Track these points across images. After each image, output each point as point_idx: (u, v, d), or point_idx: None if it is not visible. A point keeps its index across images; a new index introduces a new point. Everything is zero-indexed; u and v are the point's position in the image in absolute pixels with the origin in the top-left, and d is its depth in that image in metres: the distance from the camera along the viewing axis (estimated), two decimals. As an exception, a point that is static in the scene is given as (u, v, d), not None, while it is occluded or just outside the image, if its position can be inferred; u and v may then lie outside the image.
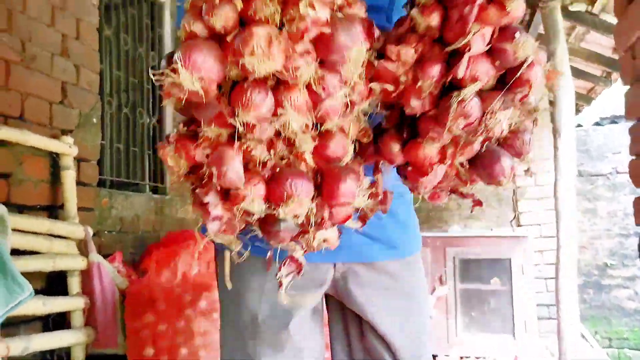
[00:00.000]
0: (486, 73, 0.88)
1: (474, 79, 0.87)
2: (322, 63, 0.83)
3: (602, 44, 4.49)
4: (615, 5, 1.98)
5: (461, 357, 4.52)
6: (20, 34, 2.49)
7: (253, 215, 0.85)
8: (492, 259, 4.74)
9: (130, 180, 3.55)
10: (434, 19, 0.88)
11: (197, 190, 0.87)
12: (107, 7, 3.60)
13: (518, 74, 0.89)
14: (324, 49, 0.82)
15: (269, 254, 0.98)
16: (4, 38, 2.40)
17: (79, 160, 2.79)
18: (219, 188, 0.84)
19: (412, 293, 1.25)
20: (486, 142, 0.97)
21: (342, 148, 0.90)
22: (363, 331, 1.24)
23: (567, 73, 3.59)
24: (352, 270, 1.20)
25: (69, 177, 2.62)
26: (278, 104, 0.81)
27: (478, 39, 0.86)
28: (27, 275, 2.11)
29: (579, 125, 7.23)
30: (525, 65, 0.88)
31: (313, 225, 0.87)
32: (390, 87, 0.90)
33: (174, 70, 0.77)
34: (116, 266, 2.65)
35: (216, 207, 0.84)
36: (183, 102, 0.80)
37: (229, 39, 0.80)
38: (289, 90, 0.81)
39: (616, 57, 4.67)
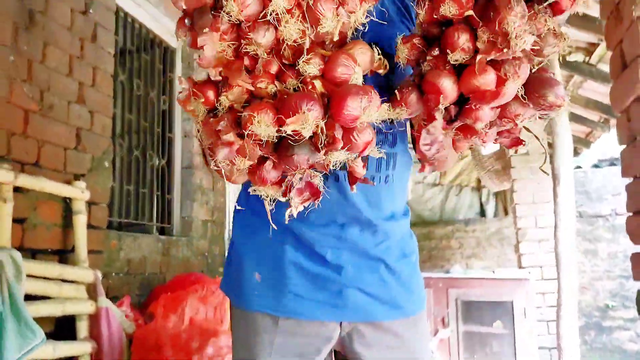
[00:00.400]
0: None
1: None
2: None
3: (600, 91, 4.61)
4: (610, 70, 2.08)
5: (463, 401, 4.50)
6: (40, 83, 2.60)
7: (264, 141, 0.91)
8: (494, 302, 4.76)
9: (138, 222, 3.61)
10: None
11: (211, 120, 0.95)
12: (122, 51, 3.72)
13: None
14: None
15: None
16: (24, 88, 2.49)
17: (89, 203, 2.86)
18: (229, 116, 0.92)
19: (416, 352, 1.29)
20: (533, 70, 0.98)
21: (348, 70, 0.94)
22: None
23: (565, 121, 3.69)
24: (358, 330, 1.24)
25: (80, 221, 2.69)
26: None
27: None
28: (38, 319, 2.16)
29: (579, 167, 7.33)
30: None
31: (323, 144, 0.91)
32: None
33: None
34: (124, 310, 2.70)
35: (227, 134, 0.91)
36: None
37: None
38: None
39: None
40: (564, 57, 4.06)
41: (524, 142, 1.09)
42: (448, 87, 0.96)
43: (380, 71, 1.05)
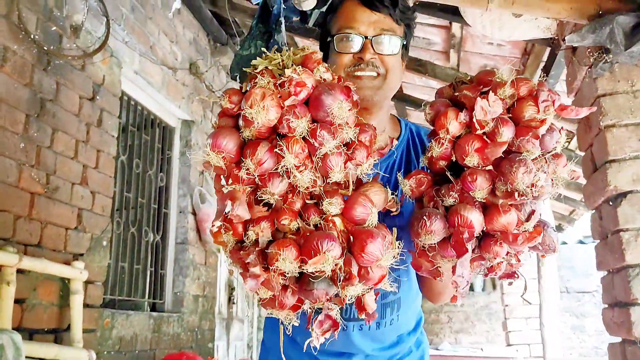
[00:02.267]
0: (539, 147, 1.07)
1: (537, 148, 1.05)
2: (315, 122, 1.05)
3: (580, 174, 4.81)
4: (582, 169, 2.25)
5: None
6: (47, 167, 2.73)
7: (287, 275, 1.01)
8: (482, 380, 4.78)
9: (131, 299, 3.67)
10: (513, 92, 1.10)
11: (241, 253, 1.05)
12: (124, 129, 3.89)
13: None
14: (313, 108, 1.05)
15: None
16: (32, 173, 2.62)
17: (86, 282, 2.93)
18: (257, 250, 1.04)
19: None
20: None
21: (366, 210, 1.05)
22: None
23: (547, 205, 3.85)
24: None
25: (77, 301, 2.75)
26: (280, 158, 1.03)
27: (548, 123, 1.07)
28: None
29: (564, 243, 7.48)
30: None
31: (341, 280, 1.00)
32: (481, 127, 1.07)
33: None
34: (116, 391, 2.72)
35: (255, 267, 1.01)
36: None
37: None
38: (287, 140, 1.02)
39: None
40: (544, 142, 4.27)
41: (518, 276, 1.19)
42: (478, 222, 1.06)
43: (393, 210, 1.15)
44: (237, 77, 1.78)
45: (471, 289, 7.93)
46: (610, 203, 1.96)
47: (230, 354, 5.23)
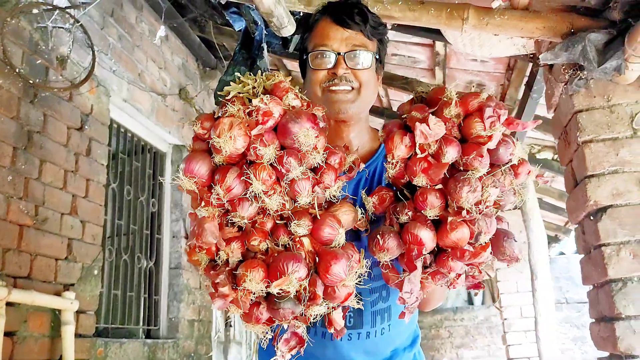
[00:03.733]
0: (487, 164, 1.11)
1: (484, 165, 1.10)
2: (283, 148, 1.10)
3: (550, 178, 4.83)
4: (565, 184, 2.27)
5: None
6: (35, 199, 2.74)
7: (255, 294, 1.05)
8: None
9: (125, 326, 3.66)
10: (459, 110, 1.14)
11: (211, 273, 1.11)
12: (114, 156, 3.91)
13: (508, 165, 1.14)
14: (281, 135, 1.09)
15: None
16: (20, 205, 2.63)
17: (78, 312, 2.92)
18: (227, 270, 1.08)
19: None
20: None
21: (333, 231, 1.09)
22: None
23: (538, 219, 3.86)
24: None
25: (68, 332, 2.74)
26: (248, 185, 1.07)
27: (496, 138, 1.11)
28: None
29: (562, 254, 7.47)
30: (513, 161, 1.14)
31: (306, 300, 1.04)
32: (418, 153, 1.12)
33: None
34: (109, 422, 2.70)
35: (224, 287, 1.06)
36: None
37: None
38: (255, 167, 1.06)
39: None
40: (533, 155, 4.30)
41: (483, 287, 1.24)
42: (428, 239, 1.10)
43: (361, 229, 1.20)
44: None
45: (470, 302, 7.90)
46: (592, 218, 1.98)
47: (228, 377, 5.20)
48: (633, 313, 1.83)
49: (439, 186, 1.11)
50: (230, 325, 5.31)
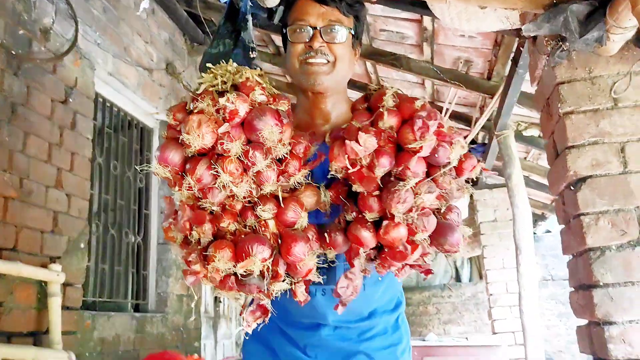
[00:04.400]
0: (423, 171, 1.22)
1: (416, 175, 1.19)
2: (250, 142, 1.20)
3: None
4: (547, 156, 2.29)
5: None
6: (19, 171, 2.73)
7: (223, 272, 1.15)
8: (467, 369, 4.82)
9: (113, 300, 3.67)
10: (394, 121, 1.23)
11: (184, 252, 1.22)
12: (100, 131, 3.89)
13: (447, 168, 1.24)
14: (247, 131, 1.19)
15: None
16: (4, 177, 2.63)
17: (64, 284, 2.93)
18: (199, 249, 1.18)
19: None
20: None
21: (296, 215, 1.20)
22: None
23: (523, 194, 3.90)
24: None
25: (55, 304, 2.76)
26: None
27: (427, 147, 1.19)
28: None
29: (548, 232, 7.55)
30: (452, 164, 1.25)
31: (269, 278, 1.14)
32: (347, 165, 1.20)
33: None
34: (96, 391, 2.73)
35: (195, 264, 1.17)
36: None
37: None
38: (223, 160, 1.16)
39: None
40: (520, 132, 4.32)
41: (432, 272, 1.34)
42: (368, 239, 1.20)
43: (323, 210, 1.28)
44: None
45: (458, 280, 8.00)
46: (571, 188, 2.00)
47: (218, 352, 5.25)
48: (610, 281, 1.87)
49: (377, 192, 1.20)
50: (220, 301, 5.35)
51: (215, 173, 1.15)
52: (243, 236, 1.16)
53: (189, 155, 1.19)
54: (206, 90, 1.23)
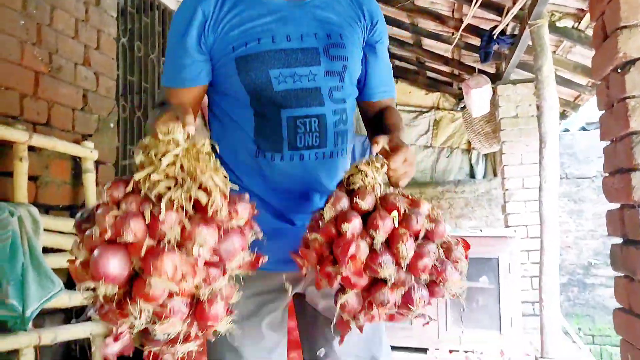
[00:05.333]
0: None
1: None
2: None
3: (588, 56, 4.71)
4: (593, 39, 2.21)
5: (450, 351, 4.76)
6: (48, 46, 2.69)
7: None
8: (480, 258, 4.97)
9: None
10: (369, 204, 1.15)
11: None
12: (122, 13, 3.79)
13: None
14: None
15: None
16: (34, 51, 2.59)
17: (97, 163, 2.99)
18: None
19: None
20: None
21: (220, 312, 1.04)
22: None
23: (552, 85, 3.82)
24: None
25: (89, 180, 2.82)
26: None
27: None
28: (53, 271, 2.32)
29: (566, 130, 7.49)
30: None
31: (181, 340, 1.03)
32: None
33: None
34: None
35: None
36: None
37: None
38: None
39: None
40: (553, 23, 4.16)
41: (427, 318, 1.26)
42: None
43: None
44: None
45: (472, 176, 8.07)
46: (619, 71, 1.95)
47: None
48: (649, 165, 1.87)
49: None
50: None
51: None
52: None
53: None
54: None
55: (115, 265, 0.94)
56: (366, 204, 1.14)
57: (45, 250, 2.44)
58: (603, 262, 7.30)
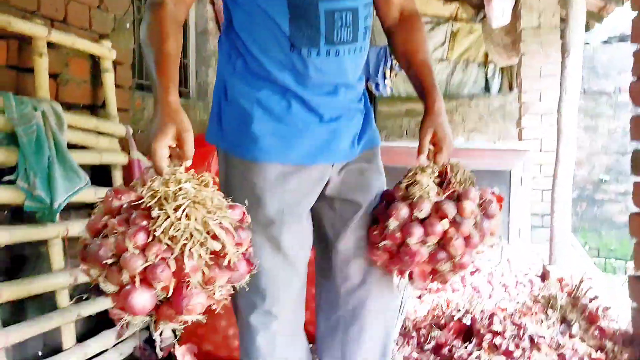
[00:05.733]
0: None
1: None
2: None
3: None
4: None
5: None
6: (62, -62, 2.60)
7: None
8: (493, 170, 5.00)
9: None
10: (426, 213, 1.39)
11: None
12: None
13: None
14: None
15: None
16: (48, -57, 2.51)
17: (114, 63, 2.96)
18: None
19: (380, 169, 1.59)
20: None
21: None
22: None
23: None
24: (344, 166, 1.53)
25: (108, 79, 2.81)
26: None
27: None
28: (78, 167, 2.36)
29: (587, 43, 7.28)
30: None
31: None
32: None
33: None
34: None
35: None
36: None
37: None
38: None
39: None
40: None
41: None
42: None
43: None
44: None
45: (487, 90, 7.96)
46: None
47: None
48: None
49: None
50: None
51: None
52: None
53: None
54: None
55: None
56: (424, 213, 1.37)
57: (69, 146, 2.47)
58: (614, 178, 7.33)
